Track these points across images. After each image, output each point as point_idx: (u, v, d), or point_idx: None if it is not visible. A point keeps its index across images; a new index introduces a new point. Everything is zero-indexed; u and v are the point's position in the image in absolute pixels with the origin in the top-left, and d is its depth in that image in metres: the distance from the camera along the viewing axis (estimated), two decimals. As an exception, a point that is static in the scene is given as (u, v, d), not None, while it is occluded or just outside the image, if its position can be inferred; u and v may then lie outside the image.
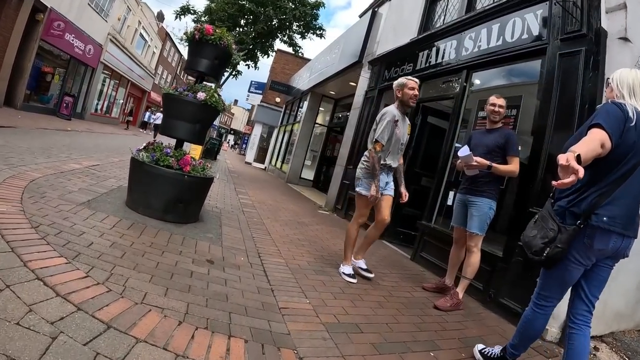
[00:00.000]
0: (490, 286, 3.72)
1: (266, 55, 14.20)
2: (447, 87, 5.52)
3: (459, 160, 3.36)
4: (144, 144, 4.10)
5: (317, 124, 14.84)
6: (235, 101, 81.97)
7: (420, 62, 6.07)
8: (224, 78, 13.93)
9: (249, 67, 14.42)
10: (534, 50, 4.04)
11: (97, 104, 22.01)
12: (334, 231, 5.73)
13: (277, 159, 18.43)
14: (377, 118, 3.43)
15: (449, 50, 5.40)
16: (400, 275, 4.12)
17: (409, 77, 3.50)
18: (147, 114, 25.72)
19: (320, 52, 13.76)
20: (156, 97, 36.79)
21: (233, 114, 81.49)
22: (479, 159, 3.27)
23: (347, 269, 3.52)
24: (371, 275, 3.62)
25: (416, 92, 3.44)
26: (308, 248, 4.29)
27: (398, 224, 5.97)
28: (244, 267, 3.12)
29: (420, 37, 6.27)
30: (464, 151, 3.28)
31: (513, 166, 3.36)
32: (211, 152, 15.46)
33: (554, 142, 3.48)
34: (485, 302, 3.70)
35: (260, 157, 23.27)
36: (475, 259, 3.44)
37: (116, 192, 4.33)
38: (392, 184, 3.61)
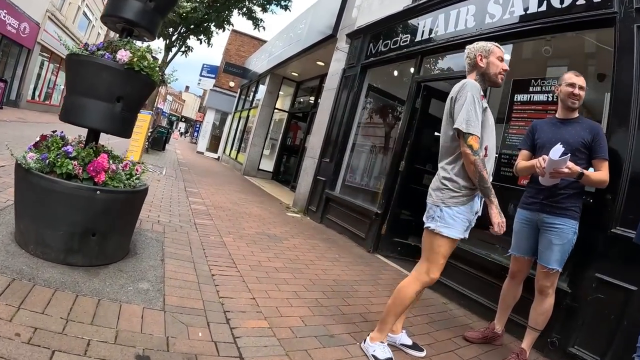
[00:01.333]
0: (553, 330, 2.65)
1: (221, 30, 12.35)
2: (459, 64, 4.37)
3: (544, 165, 2.20)
4: (38, 138, 2.57)
5: (277, 109, 13.35)
6: (187, 87, 79.27)
7: (422, 32, 4.85)
8: (171, 54, 11.97)
9: (201, 43, 12.49)
10: (595, 20, 2.97)
11: (35, 90, 18.92)
12: (316, 246, 4.43)
13: (231, 148, 16.76)
14: (453, 94, 2.07)
15: (464, 17, 4.19)
16: (426, 317, 2.92)
17: (493, 42, 2.21)
18: None
19: (283, 28, 12.24)
20: None
21: (184, 101, 78.83)
22: (571, 164, 2.17)
23: (381, 350, 2.08)
24: (422, 354, 2.29)
25: (506, 66, 2.17)
26: (294, 284, 2.97)
27: (395, 232, 4.81)
28: (206, 355, 1.76)
29: (419, 3, 5.03)
30: (557, 152, 2.12)
31: (604, 173, 2.32)
32: (159, 142, 13.81)
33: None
34: (547, 351, 2.68)
35: (213, 146, 21.47)
36: (550, 304, 2.43)
37: (7, 214, 2.78)
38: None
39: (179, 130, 47.54)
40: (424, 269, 2.06)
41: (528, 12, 3.49)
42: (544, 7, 3.30)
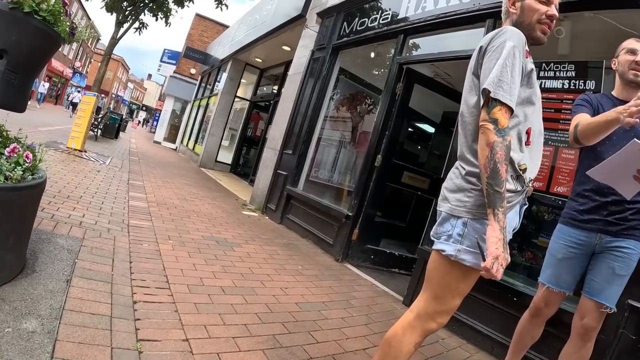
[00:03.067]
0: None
1: (180, 7, 11.17)
2: (450, 44, 3.78)
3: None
4: None
5: (238, 97, 12.39)
6: (149, 75, 76.84)
7: (406, 8, 4.21)
8: (123, 29, 10.68)
9: (156, 20, 11.24)
10: None
11: None
12: (275, 254, 3.69)
13: (189, 139, 15.59)
14: (484, 42, 1.34)
15: None
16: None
17: None
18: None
19: (248, 11, 11.30)
20: (58, 65, 30.79)
21: (146, 89, 76.76)
22: None
23: None
24: None
25: (553, 10, 1.37)
26: (244, 314, 2.22)
27: (368, 237, 4.17)
28: None
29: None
30: (635, 149, 1.42)
31: None
32: (111, 130, 12.64)
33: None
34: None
35: (172, 135, 20.10)
36: (590, 350, 1.81)
37: None
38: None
39: (139, 119, 45.12)
40: (429, 311, 1.32)
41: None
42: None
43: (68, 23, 1.98)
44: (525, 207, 1.40)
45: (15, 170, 1.73)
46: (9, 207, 1.71)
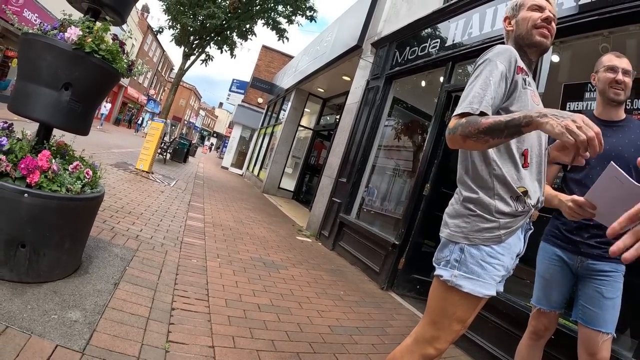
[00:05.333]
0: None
1: (244, 40, 12.17)
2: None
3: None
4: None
5: (302, 126, 12.91)
6: (220, 104, 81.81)
7: (453, 36, 4.23)
8: (190, 61, 11.85)
9: (221, 52, 12.34)
10: None
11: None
12: (319, 279, 3.78)
13: (254, 165, 16.43)
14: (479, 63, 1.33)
15: (502, 14, 3.53)
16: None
17: None
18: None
19: (309, 43, 11.92)
20: (133, 92, 34.47)
21: (217, 117, 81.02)
22: None
23: None
24: None
25: (547, 13, 1.36)
26: (274, 330, 2.33)
27: (414, 267, 4.10)
28: None
29: (450, 3, 4.43)
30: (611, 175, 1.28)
31: None
32: (180, 154, 13.70)
33: None
34: None
35: (239, 162, 21.34)
36: None
37: None
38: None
39: (208, 144, 48.55)
40: (427, 336, 1.32)
41: (579, 2, 2.82)
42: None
43: (125, 60, 2.33)
44: (531, 231, 1.37)
45: (76, 184, 2.06)
46: (68, 215, 2.04)
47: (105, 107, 21.23)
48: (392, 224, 5.11)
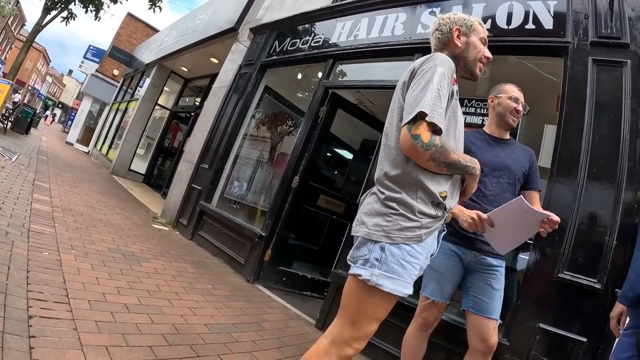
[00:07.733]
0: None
1: (113, 2, 10.43)
2: (379, 73, 3.94)
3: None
4: None
5: (159, 105, 11.70)
6: (70, 71, 70.78)
7: (338, 34, 4.32)
8: (50, 16, 9.67)
9: (86, 12, 10.33)
10: (544, 47, 2.77)
11: None
12: (184, 272, 3.38)
13: (103, 143, 14.24)
14: (415, 65, 1.36)
15: (391, 24, 3.75)
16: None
17: (476, 18, 1.54)
18: None
19: (180, 18, 10.91)
20: None
21: (64, 85, 70.61)
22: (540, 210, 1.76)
23: None
24: None
25: (489, 53, 1.52)
26: (150, 335, 1.97)
27: (281, 259, 4.06)
28: None
29: (339, 3, 4.54)
30: (518, 206, 1.51)
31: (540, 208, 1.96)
32: (22, 124, 11.57)
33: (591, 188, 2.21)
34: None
35: (86, 138, 18.30)
36: None
37: None
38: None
39: (54, 116, 41.05)
40: (345, 337, 1.25)
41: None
42: (487, 26, 3.00)
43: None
44: (444, 233, 1.43)
45: None
46: None
47: None
48: (256, 215, 4.99)
